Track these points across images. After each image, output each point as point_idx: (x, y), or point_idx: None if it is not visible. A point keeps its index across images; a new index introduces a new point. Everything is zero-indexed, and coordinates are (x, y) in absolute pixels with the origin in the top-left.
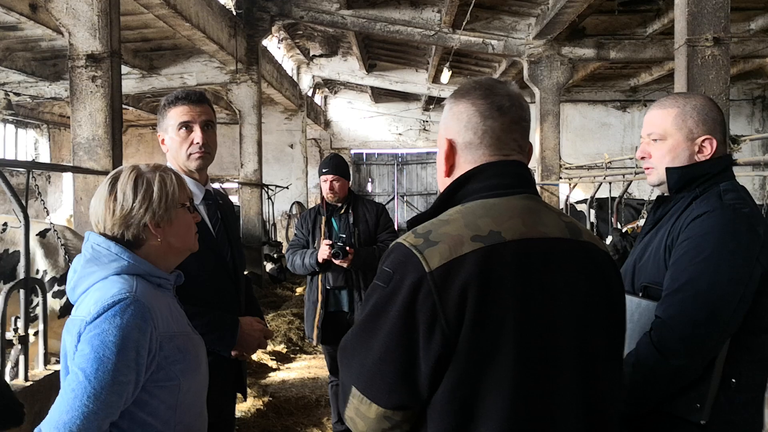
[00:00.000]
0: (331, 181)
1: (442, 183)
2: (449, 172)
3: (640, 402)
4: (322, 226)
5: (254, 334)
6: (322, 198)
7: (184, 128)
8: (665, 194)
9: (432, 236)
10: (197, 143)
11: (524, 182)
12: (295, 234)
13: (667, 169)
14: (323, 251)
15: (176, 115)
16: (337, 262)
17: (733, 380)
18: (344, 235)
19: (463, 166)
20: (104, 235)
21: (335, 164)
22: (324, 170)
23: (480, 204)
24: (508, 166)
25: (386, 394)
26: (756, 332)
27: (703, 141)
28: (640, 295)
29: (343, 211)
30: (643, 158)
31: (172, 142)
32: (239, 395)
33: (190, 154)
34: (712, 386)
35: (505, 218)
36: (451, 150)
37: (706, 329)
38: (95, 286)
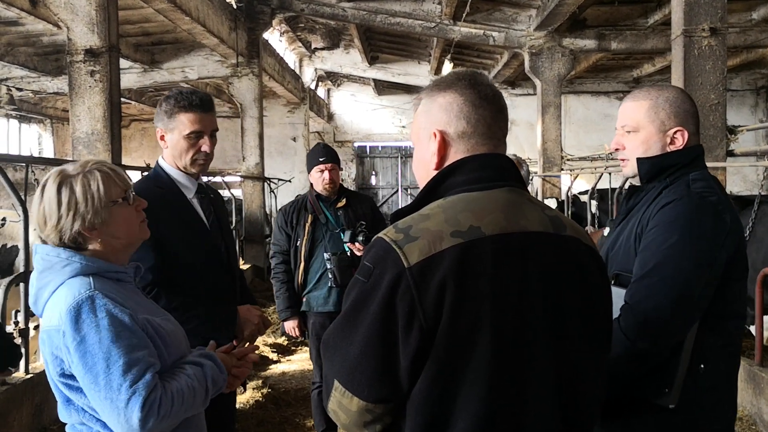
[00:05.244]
0: (329, 171)
1: (425, 177)
2: (440, 164)
3: (608, 386)
4: (307, 225)
5: (253, 320)
6: (312, 193)
7: (193, 136)
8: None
9: (412, 231)
10: (204, 151)
11: (507, 175)
12: (274, 240)
13: (638, 159)
14: (291, 327)
15: (188, 121)
16: (358, 245)
17: (702, 365)
18: (349, 231)
19: (454, 156)
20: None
21: (329, 152)
22: (320, 159)
23: (461, 198)
24: (491, 159)
25: (367, 387)
26: (724, 317)
27: (675, 133)
28: (612, 282)
29: (341, 204)
30: (617, 150)
31: (177, 145)
32: (239, 387)
33: (195, 160)
34: (680, 371)
35: (485, 213)
36: (444, 141)
37: (670, 313)
38: (55, 293)
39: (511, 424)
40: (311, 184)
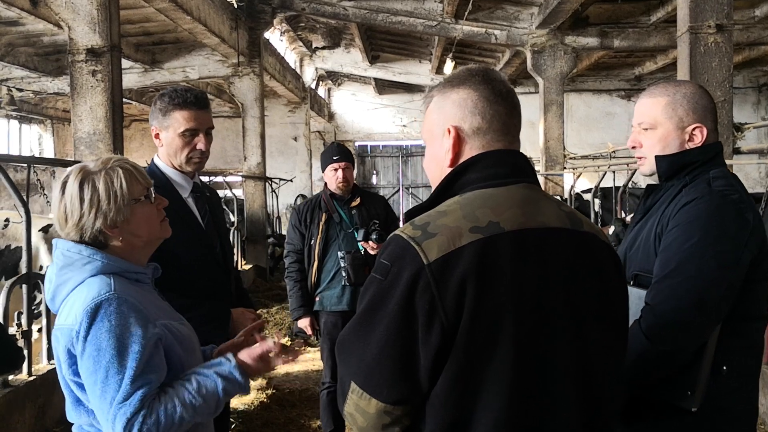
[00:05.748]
0: (343, 169)
1: (439, 175)
2: (455, 161)
3: (628, 387)
4: (321, 224)
5: (246, 323)
6: (326, 192)
7: (189, 134)
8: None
9: (430, 228)
10: (200, 149)
11: (523, 171)
12: (288, 239)
13: (657, 157)
14: (305, 325)
15: (183, 119)
16: (371, 244)
17: (725, 367)
18: (362, 230)
19: (469, 153)
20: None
21: (343, 151)
22: (335, 157)
23: (479, 194)
24: (507, 155)
25: (386, 388)
26: (747, 319)
27: (694, 129)
28: (631, 283)
29: (355, 203)
30: (634, 147)
31: (172, 143)
32: None
33: (191, 158)
34: (703, 373)
35: (504, 208)
36: (458, 138)
37: (692, 315)
38: (74, 291)
39: (532, 424)
40: (325, 183)
